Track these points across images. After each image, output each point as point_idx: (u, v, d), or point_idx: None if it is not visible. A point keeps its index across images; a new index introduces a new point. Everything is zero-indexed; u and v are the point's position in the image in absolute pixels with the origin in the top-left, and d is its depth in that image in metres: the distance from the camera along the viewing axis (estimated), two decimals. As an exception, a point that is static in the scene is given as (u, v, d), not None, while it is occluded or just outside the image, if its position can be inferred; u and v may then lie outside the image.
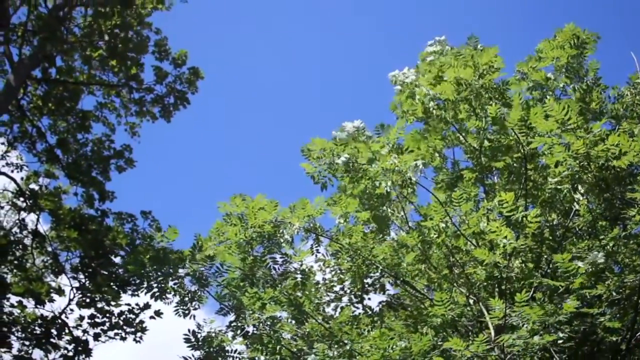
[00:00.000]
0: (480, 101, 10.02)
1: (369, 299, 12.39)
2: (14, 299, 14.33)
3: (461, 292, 10.17)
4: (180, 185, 48.84)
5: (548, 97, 9.28)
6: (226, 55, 44.94)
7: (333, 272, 12.13)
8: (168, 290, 10.10)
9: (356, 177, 9.93)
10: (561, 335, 8.01)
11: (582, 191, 9.42)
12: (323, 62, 46.17)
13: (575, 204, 9.83)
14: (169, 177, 48.47)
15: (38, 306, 14.33)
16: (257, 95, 47.12)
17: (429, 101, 10.64)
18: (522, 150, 9.80)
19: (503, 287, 9.65)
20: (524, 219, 8.24)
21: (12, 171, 17.79)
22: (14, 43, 16.69)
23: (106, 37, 16.30)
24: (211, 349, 9.71)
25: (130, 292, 14.68)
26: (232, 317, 10.13)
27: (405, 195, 10.25)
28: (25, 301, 14.21)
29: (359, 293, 12.20)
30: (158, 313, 14.61)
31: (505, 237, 8.41)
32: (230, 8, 44.09)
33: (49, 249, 16.35)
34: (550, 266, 9.47)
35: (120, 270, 14.91)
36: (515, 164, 10.24)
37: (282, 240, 10.39)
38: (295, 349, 9.95)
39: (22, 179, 17.42)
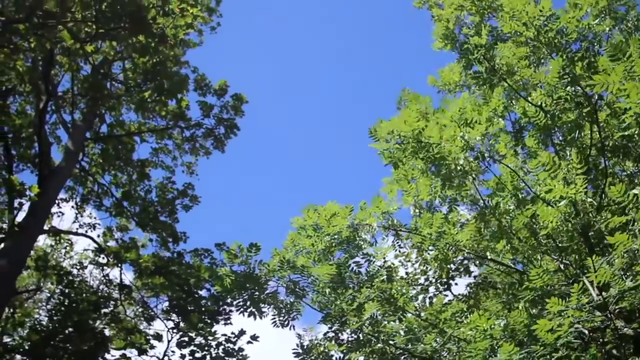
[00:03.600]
0: (539, 56, 9.87)
1: (456, 284, 12.36)
2: (116, 352, 14.78)
3: (552, 258, 10.01)
4: (242, 207, 49.39)
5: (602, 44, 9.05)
6: (261, 69, 45.35)
7: (417, 263, 12.13)
8: (263, 304, 10.10)
9: (426, 155, 9.88)
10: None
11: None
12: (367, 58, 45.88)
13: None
14: (228, 203, 49.11)
15: (141, 355, 14.74)
16: (303, 102, 47.36)
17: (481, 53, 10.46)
18: (590, 101, 9.62)
19: (592, 241, 9.45)
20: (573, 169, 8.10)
21: (86, 231, 18.53)
22: (64, 110, 17.39)
23: (149, 77, 16.60)
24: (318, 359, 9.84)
25: (222, 322, 15.10)
26: (329, 325, 10.19)
27: (477, 171, 10.12)
28: (127, 352, 14.64)
29: (445, 280, 12.17)
30: (254, 337, 14.80)
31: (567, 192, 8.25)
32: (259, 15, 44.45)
33: (137, 298, 16.89)
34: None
35: (208, 303, 15.25)
36: (581, 120, 10.02)
37: (361, 243, 10.45)
38: (396, 346, 9.96)
39: (98, 236, 18.07)
